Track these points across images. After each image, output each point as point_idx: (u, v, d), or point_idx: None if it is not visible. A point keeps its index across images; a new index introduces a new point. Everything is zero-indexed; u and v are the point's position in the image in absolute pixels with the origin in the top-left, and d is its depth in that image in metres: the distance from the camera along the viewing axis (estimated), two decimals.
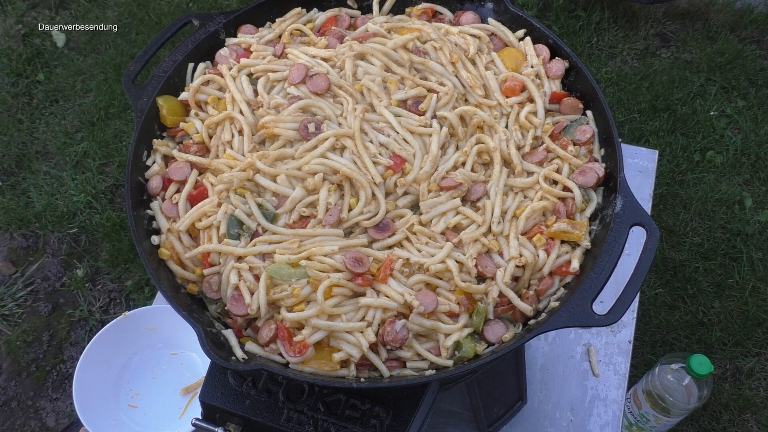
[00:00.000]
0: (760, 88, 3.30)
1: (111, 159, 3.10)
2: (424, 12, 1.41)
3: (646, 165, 2.05)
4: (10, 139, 3.16)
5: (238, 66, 1.30)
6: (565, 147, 1.25)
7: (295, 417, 1.09)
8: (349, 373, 1.07)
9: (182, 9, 3.60)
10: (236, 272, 1.11)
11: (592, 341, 1.77)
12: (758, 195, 2.99)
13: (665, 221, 2.89)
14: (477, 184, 1.20)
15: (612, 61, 3.47)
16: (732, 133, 3.16)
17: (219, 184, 1.17)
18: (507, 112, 1.28)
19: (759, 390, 2.54)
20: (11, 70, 3.39)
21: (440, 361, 1.08)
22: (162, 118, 1.28)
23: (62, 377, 2.58)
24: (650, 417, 2.06)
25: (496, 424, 1.62)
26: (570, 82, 1.34)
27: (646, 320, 2.65)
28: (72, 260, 2.84)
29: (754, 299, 2.67)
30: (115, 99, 3.25)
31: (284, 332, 1.07)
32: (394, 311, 1.09)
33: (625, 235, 1.11)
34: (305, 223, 1.15)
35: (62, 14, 3.65)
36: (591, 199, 1.22)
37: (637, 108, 3.22)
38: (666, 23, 3.60)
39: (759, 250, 2.81)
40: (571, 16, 3.54)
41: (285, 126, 1.19)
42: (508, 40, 1.38)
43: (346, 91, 1.24)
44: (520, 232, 1.17)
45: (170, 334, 1.78)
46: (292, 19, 1.41)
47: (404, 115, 1.23)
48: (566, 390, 1.71)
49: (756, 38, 3.54)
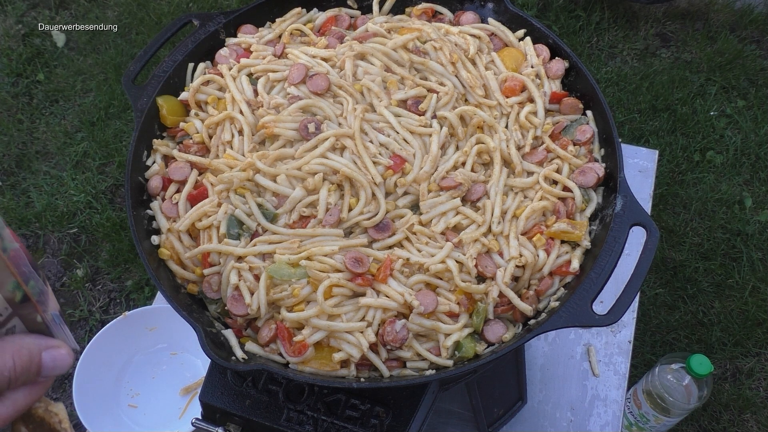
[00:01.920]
0: (760, 88, 3.30)
1: (111, 159, 3.10)
2: (424, 12, 1.41)
3: (646, 165, 2.05)
4: (10, 139, 3.16)
5: (238, 66, 1.30)
6: (565, 147, 1.25)
7: (295, 417, 1.09)
8: (349, 373, 1.07)
9: (182, 9, 3.60)
10: (236, 272, 1.11)
11: (592, 341, 1.77)
12: (758, 195, 2.99)
13: (665, 221, 2.89)
14: (477, 184, 1.20)
15: (612, 61, 3.47)
16: (732, 133, 3.16)
17: (219, 184, 1.17)
18: (507, 112, 1.28)
19: (759, 390, 2.54)
20: (11, 70, 3.39)
21: (440, 361, 1.08)
22: (162, 118, 1.28)
23: (62, 377, 2.58)
24: (650, 417, 2.06)
25: (496, 424, 1.62)
26: (570, 82, 1.34)
27: (646, 320, 2.65)
28: (72, 260, 2.84)
29: (754, 299, 2.67)
30: (115, 99, 3.25)
31: (284, 332, 1.07)
32: (394, 311, 1.09)
33: (625, 235, 1.10)
34: (305, 223, 1.15)
35: (62, 14, 3.65)
36: (591, 199, 1.22)
37: (637, 108, 3.22)
38: (666, 23, 3.60)
39: (759, 250, 2.81)
40: (571, 16, 3.54)
41: (285, 126, 1.19)
42: (508, 40, 1.37)
43: (346, 91, 1.24)
44: (520, 232, 1.17)
45: (170, 334, 1.78)
46: (292, 19, 1.41)
47: (404, 115, 1.23)
48: (566, 390, 1.71)
49: (756, 38, 3.54)
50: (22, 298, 0.67)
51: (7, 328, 0.69)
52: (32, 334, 0.71)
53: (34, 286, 0.68)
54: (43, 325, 0.71)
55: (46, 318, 0.71)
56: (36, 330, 0.71)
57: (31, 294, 0.68)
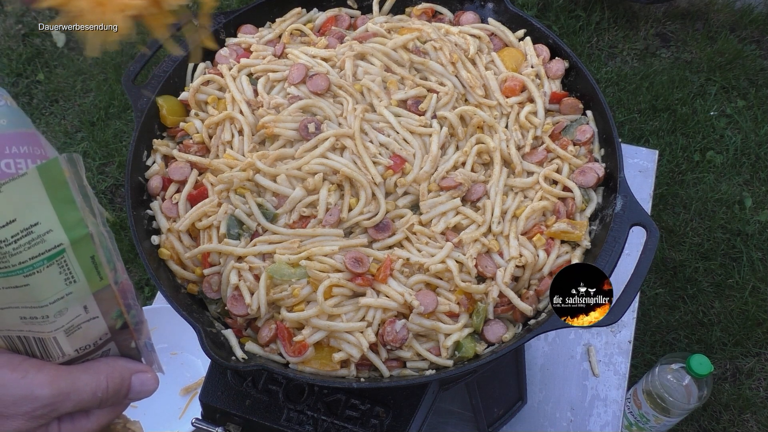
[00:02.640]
0: (760, 88, 3.30)
1: (111, 159, 3.10)
2: (424, 12, 1.41)
3: (646, 165, 2.05)
4: None
5: (238, 66, 1.30)
6: (565, 147, 1.25)
7: (295, 417, 1.09)
8: (349, 373, 1.07)
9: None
10: (236, 272, 1.11)
11: (592, 341, 1.77)
12: (758, 195, 2.99)
13: (665, 221, 2.89)
14: (477, 184, 1.20)
15: (612, 61, 3.47)
16: (732, 133, 3.16)
17: (219, 184, 1.17)
18: (507, 112, 1.28)
19: (759, 390, 2.54)
20: (11, 70, 3.40)
21: (440, 361, 1.08)
22: (162, 118, 1.28)
23: None
24: (650, 417, 2.06)
25: (496, 424, 1.62)
26: (570, 82, 1.34)
27: (646, 320, 2.65)
28: None
29: (754, 299, 2.67)
30: (115, 99, 3.25)
31: (284, 332, 1.07)
32: (394, 311, 1.09)
33: (625, 235, 1.10)
34: (305, 223, 1.15)
35: None
36: (591, 199, 1.22)
37: (637, 108, 3.22)
38: (666, 23, 3.60)
39: (759, 250, 2.81)
40: (571, 16, 3.54)
41: (285, 126, 1.19)
42: (508, 40, 1.37)
43: (346, 91, 1.24)
44: (520, 232, 1.17)
45: (170, 334, 1.78)
46: (292, 19, 1.41)
47: (404, 115, 1.23)
48: (566, 390, 1.71)
49: (756, 38, 3.54)
50: (121, 326, 0.72)
51: (102, 351, 0.73)
52: (124, 358, 0.75)
53: (134, 315, 0.73)
54: (135, 350, 0.76)
55: (139, 344, 0.76)
56: (128, 354, 0.76)
57: (131, 323, 0.73)
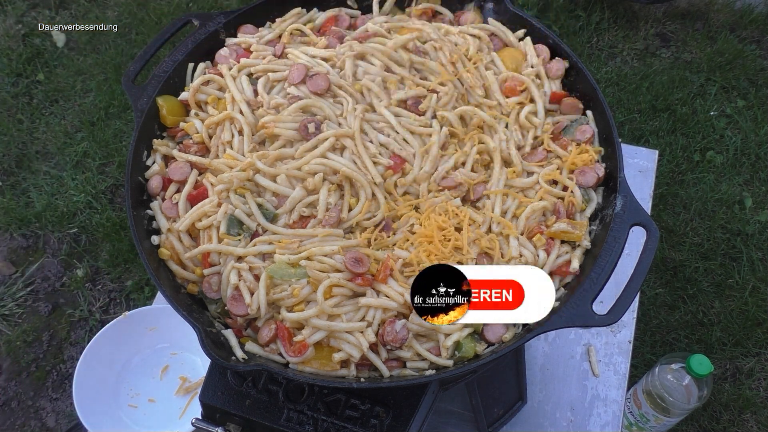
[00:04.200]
0: (760, 88, 3.29)
1: (111, 159, 3.10)
2: (424, 12, 1.41)
3: (646, 165, 2.05)
4: (10, 139, 3.16)
5: (238, 66, 1.30)
6: (565, 147, 1.25)
7: (295, 417, 1.09)
8: (349, 373, 1.07)
9: (182, 9, 3.59)
10: (236, 272, 1.11)
11: (592, 341, 1.77)
12: (758, 195, 2.99)
13: (665, 221, 2.89)
14: (477, 184, 1.20)
15: (612, 61, 3.47)
16: (732, 133, 3.16)
17: (219, 184, 1.17)
18: (507, 112, 1.28)
19: (759, 390, 2.54)
20: (11, 70, 3.39)
21: (440, 361, 1.08)
22: (162, 118, 1.28)
23: (62, 377, 2.58)
24: (650, 417, 2.06)
25: (496, 424, 1.62)
26: (570, 82, 1.34)
27: (646, 320, 2.65)
28: (72, 260, 2.84)
29: (754, 299, 2.67)
30: (115, 99, 3.25)
31: (284, 332, 1.07)
32: (394, 311, 1.09)
33: (625, 235, 1.10)
34: (305, 223, 1.15)
35: (62, 14, 3.65)
36: (591, 199, 1.22)
37: (637, 108, 3.22)
38: (666, 23, 3.60)
39: (759, 250, 2.81)
40: (571, 16, 3.54)
41: (285, 126, 1.19)
42: (508, 40, 1.38)
43: (346, 91, 1.24)
44: (520, 232, 1.17)
45: (170, 334, 1.78)
46: (292, 19, 1.41)
47: (404, 115, 1.23)
48: (566, 390, 1.71)
49: (756, 38, 3.54)
50: None
51: None
52: None
53: None
54: None
55: None
56: None
57: None
